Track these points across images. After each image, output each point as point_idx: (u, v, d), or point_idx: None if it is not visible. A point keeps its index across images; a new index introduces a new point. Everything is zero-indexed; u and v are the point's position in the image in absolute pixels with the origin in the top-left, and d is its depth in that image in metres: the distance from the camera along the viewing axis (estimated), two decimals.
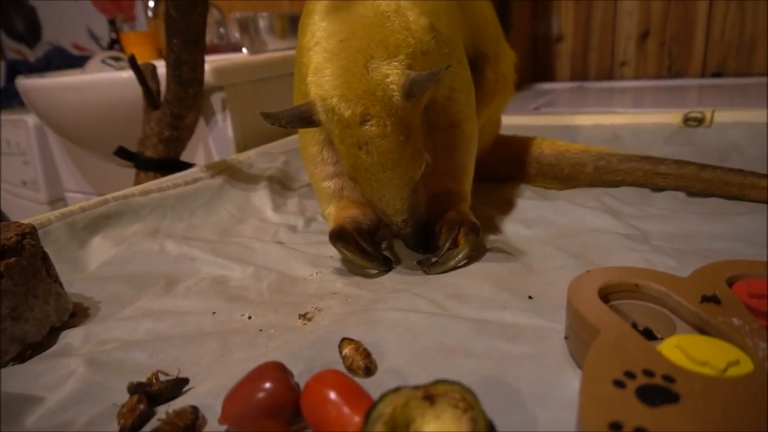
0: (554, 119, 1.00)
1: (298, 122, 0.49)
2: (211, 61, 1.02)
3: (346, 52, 0.47)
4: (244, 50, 1.40)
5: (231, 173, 0.84)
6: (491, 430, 0.27)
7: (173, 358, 0.42)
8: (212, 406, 0.35)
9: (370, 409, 0.28)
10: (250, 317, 0.48)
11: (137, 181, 0.96)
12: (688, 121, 0.88)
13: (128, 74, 1.01)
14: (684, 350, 0.31)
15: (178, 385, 0.38)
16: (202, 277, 0.57)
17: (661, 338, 0.37)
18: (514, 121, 0.97)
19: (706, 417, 0.26)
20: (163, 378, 0.38)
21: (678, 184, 0.68)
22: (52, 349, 0.45)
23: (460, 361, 0.38)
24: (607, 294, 0.38)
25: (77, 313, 0.51)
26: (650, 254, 0.51)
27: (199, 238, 0.68)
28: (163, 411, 0.35)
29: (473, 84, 0.61)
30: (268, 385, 0.33)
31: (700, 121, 0.87)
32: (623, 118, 0.94)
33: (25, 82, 1.33)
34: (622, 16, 1.45)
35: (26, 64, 2.05)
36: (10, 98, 1.76)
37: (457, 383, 0.29)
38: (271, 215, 0.76)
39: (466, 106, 0.59)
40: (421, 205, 0.53)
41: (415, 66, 0.48)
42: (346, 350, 0.39)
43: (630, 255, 0.51)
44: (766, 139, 0.79)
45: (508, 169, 0.79)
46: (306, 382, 0.32)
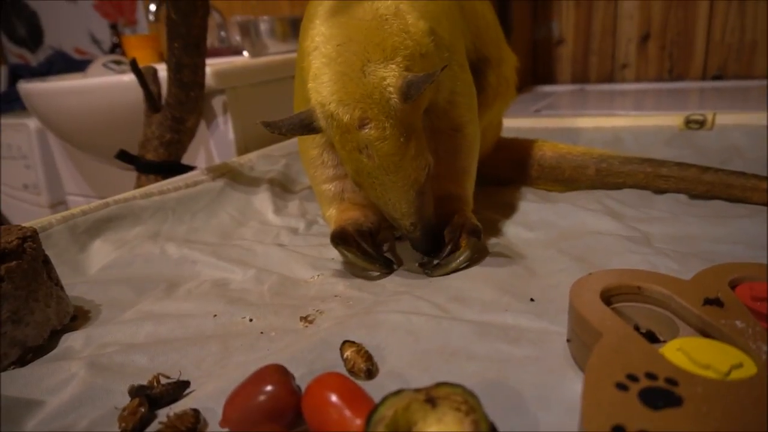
0: (555, 122, 1.00)
1: (298, 130, 0.49)
2: (212, 65, 1.02)
3: (343, 57, 0.47)
4: (245, 53, 1.40)
5: (232, 176, 0.84)
6: None
7: (174, 361, 0.42)
8: (213, 409, 0.35)
9: (371, 412, 0.28)
10: (251, 320, 0.48)
11: (138, 185, 0.96)
12: (689, 123, 0.88)
13: (129, 78, 1.01)
14: (687, 353, 0.31)
15: (179, 388, 0.38)
16: (203, 280, 0.57)
17: (664, 341, 0.37)
18: (516, 124, 0.97)
19: (709, 420, 0.26)
20: (164, 381, 0.38)
21: (680, 187, 0.68)
22: (53, 353, 0.45)
23: (461, 364, 0.38)
24: (609, 297, 0.38)
25: (78, 317, 0.51)
26: (652, 257, 0.51)
27: (200, 241, 0.68)
28: (164, 414, 0.35)
29: (475, 88, 0.61)
30: (269, 388, 0.33)
31: (701, 124, 0.87)
32: (624, 120, 0.94)
33: (27, 86, 1.33)
34: (623, 19, 1.45)
35: (28, 68, 2.06)
36: (12, 102, 1.76)
37: (459, 386, 0.28)
38: (272, 218, 0.76)
39: (468, 110, 0.59)
40: (429, 208, 0.53)
41: (414, 68, 0.48)
42: (348, 353, 0.39)
43: (632, 257, 0.51)
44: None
45: (510, 172, 0.79)
46: (307, 384, 0.32)
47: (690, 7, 1.37)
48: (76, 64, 1.94)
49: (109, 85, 1.18)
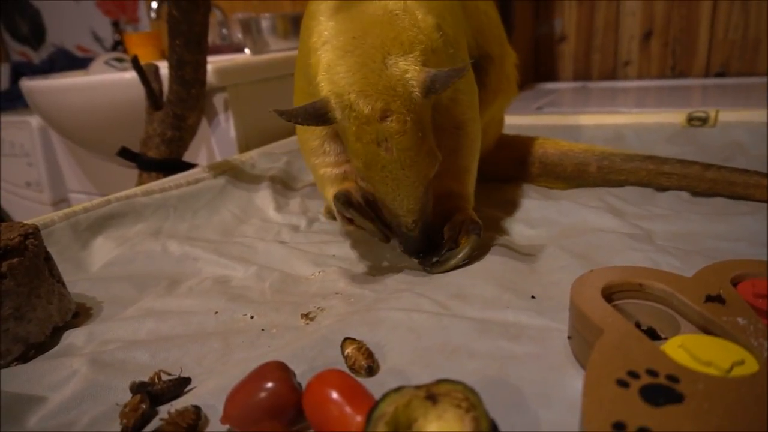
0: (557, 119, 0.99)
1: (312, 119, 0.48)
2: (214, 62, 1.02)
3: (361, 49, 0.47)
4: (247, 51, 1.40)
5: (233, 173, 0.84)
6: (494, 430, 0.27)
7: (175, 358, 0.42)
8: (214, 406, 0.35)
9: (372, 409, 0.28)
10: (252, 317, 0.48)
11: (140, 182, 0.96)
12: (692, 120, 0.87)
13: (131, 75, 1.01)
14: (688, 350, 0.31)
15: (181, 385, 0.38)
16: (205, 277, 0.57)
17: (665, 338, 0.36)
18: (518, 121, 0.97)
19: (711, 417, 0.26)
20: (165, 378, 0.38)
21: (682, 184, 0.67)
22: (55, 349, 0.45)
23: (462, 361, 0.38)
24: (610, 293, 0.38)
25: (80, 313, 0.51)
26: (654, 254, 0.51)
27: (201, 238, 0.68)
28: (165, 411, 0.35)
29: (476, 85, 0.61)
30: (270, 384, 0.33)
31: (704, 121, 0.86)
32: (627, 117, 0.93)
33: (29, 84, 1.33)
34: (625, 16, 1.45)
35: (30, 66, 2.06)
36: (15, 100, 1.77)
37: (459, 383, 0.28)
38: (274, 215, 0.76)
39: (470, 108, 0.59)
40: (429, 206, 0.53)
41: (429, 63, 0.48)
42: (349, 350, 0.39)
43: (634, 255, 0.51)
44: None
45: (512, 169, 0.79)
46: (308, 381, 0.32)
47: (693, 4, 1.37)
48: (78, 62, 1.94)
49: (110, 82, 1.18)
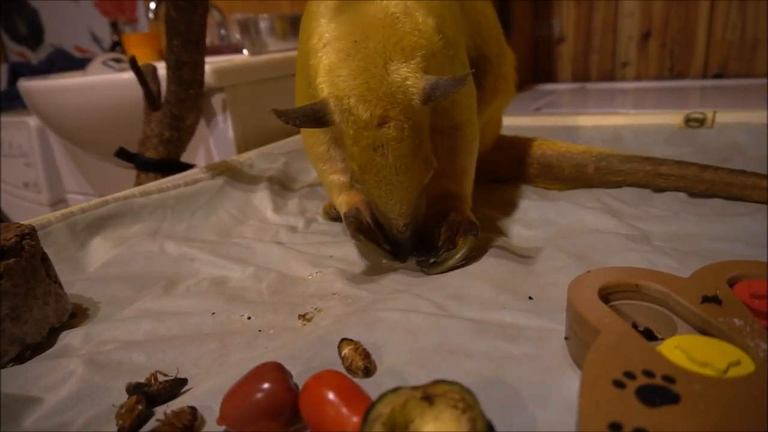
0: (555, 120, 0.99)
1: (310, 121, 0.48)
2: (212, 62, 1.02)
3: (363, 53, 0.47)
4: (245, 51, 1.40)
5: (231, 174, 0.84)
6: (490, 431, 0.27)
7: (172, 359, 0.42)
8: (211, 407, 0.35)
9: (368, 410, 0.28)
10: (249, 318, 0.48)
11: (138, 182, 0.96)
12: (689, 121, 0.87)
13: (129, 75, 1.01)
14: (684, 351, 0.31)
15: (177, 386, 0.38)
16: (202, 278, 0.57)
17: (662, 339, 0.37)
18: (516, 122, 0.97)
19: (707, 418, 0.26)
20: (161, 378, 0.38)
21: (679, 185, 0.67)
22: (52, 350, 0.45)
23: (459, 362, 0.38)
24: (607, 294, 0.38)
25: (77, 314, 0.51)
26: (651, 255, 0.51)
27: (199, 239, 0.68)
28: (161, 412, 0.35)
29: (474, 86, 0.61)
30: (267, 385, 0.33)
31: (701, 122, 0.87)
32: (624, 118, 0.93)
33: (27, 84, 1.33)
34: (624, 17, 1.45)
35: (28, 66, 2.06)
36: (13, 100, 1.76)
37: (456, 384, 0.28)
38: (272, 216, 0.76)
39: (468, 109, 0.59)
40: (422, 210, 0.53)
41: (429, 69, 0.48)
42: (346, 351, 0.39)
43: (631, 255, 0.51)
44: None
45: (509, 170, 0.79)
46: (305, 382, 0.32)
47: (691, 5, 1.37)
48: (76, 62, 1.94)
49: (108, 83, 1.18)
